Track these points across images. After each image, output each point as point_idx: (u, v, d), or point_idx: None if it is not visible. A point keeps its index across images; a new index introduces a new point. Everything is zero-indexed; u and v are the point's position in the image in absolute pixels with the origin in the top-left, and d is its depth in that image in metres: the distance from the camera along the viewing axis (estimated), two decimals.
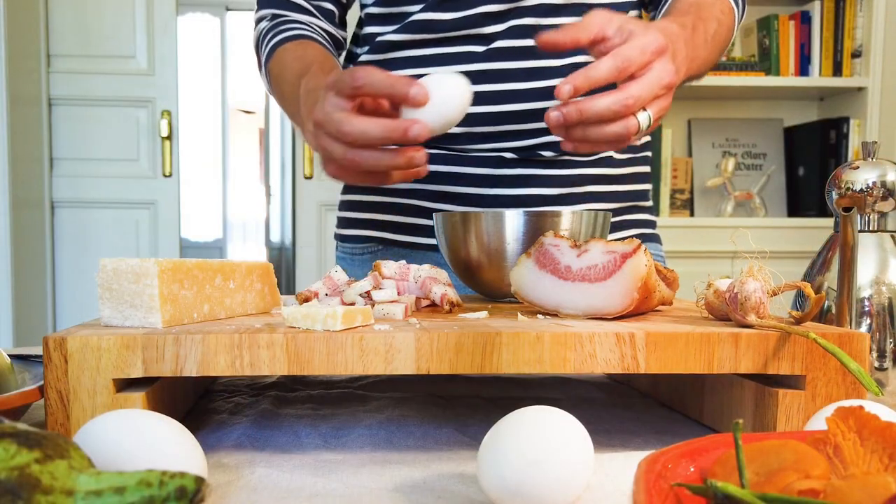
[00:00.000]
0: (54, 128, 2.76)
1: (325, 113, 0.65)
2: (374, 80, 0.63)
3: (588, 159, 0.91)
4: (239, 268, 0.58)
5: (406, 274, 0.64)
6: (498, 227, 0.66)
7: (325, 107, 0.65)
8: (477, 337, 0.47)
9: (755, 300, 0.50)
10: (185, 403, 0.59)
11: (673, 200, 2.68)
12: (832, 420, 0.34)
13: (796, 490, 0.30)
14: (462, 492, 0.43)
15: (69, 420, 0.45)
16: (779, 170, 2.75)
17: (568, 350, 0.47)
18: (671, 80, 0.66)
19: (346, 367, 0.46)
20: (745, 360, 0.49)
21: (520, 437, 0.37)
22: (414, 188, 0.93)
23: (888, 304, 0.61)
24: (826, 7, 2.58)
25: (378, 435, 0.54)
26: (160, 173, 2.82)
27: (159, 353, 0.46)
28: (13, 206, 2.53)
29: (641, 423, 0.59)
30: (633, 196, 0.96)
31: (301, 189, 2.90)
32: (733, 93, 2.68)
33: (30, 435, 0.31)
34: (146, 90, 2.78)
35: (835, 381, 0.49)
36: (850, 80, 2.57)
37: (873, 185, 0.61)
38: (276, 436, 0.54)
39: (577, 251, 0.56)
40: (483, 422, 0.58)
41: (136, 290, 0.49)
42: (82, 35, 2.75)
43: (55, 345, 0.45)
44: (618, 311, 0.54)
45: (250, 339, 0.46)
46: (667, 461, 0.34)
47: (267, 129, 5.47)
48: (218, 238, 5.45)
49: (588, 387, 0.71)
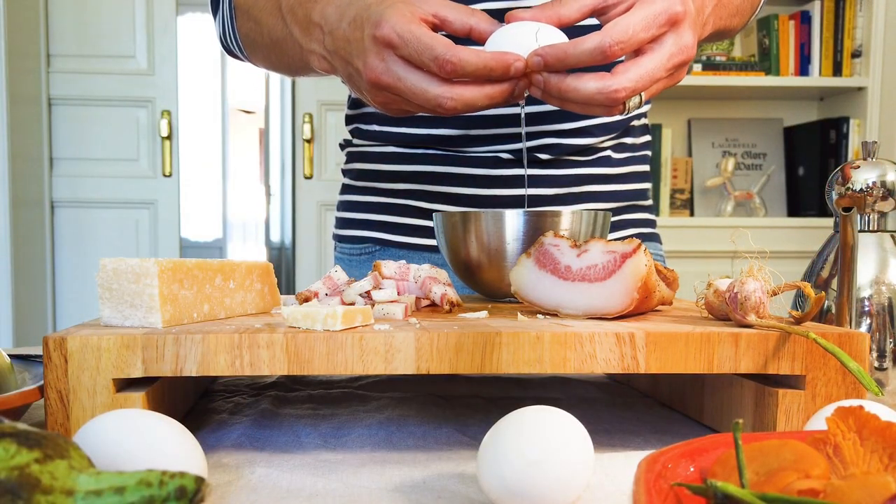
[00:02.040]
0: (54, 127, 2.76)
1: (408, 32, 0.59)
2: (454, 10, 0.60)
3: (586, 159, 0.91)
4: (239, 268, 0.58)
5: (406, 274, 0.64)
6: (498, 227, 0.66)
7: (401, 25, 0.59)
8: (477, 337, 0.47)
9: (755, 300, 0.50)
10: (185, 403, 0.59)
11: (673, 200, 2.69)
12: (832, 420, 0.34)
13: (796, 490, 0.30)
14: (462, 492, 0.43)
15: (69, 420, 0.45)
16: (779, 170, 2.75)
17: (568, 350, 0.47)
18: (685, 56, 0.60)
19: (346, 366, 0.46)
20: (745, 360, 0.49)
21: (520, 437, 0.37)
22: (411, 189, 0.93)
23: (888, 304, 0.61)
24: (826, 7, 2.58)
25: (378, 435, 0.54)
26: (160, 173, 2.82)
27: (159, 352, 0.46)
28: (13, 205, 2.53)
29: (641, 423, 0.59)
30: (632, 195, 0.96)
31: (301, 189, 2.90)
32: (733, 93, 2.68)
33: (30, 435, 0.31)
34: (146, 90, 2.78)
35: (835, 381, 0.49)
36: (850, 80, 2.57)
37: (873, 185, 0.61)
38: (275, 436, 0.54)
39: (577, 251, 0.56)
40: (483, 422, 0.58)
41: (136, 289, 0.49)
42: (82, 35, 2.75)
43: (55, 345, 0.45)
44: (618, 311, 0.54)
45: (250, 339, 0.46)
46: (667, 461, 0.34)
47: (267, 129, 5.46)
48: (218, 238, 5.45)
49: (588, 387, 0.71)
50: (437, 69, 0.58)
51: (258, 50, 0.86)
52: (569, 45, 0.59)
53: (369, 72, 0.62)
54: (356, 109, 0.98)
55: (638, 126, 0.98)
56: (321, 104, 2.85)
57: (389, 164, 0.94)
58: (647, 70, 0.59)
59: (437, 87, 0.60)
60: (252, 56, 0.90)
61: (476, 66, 0.58)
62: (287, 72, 0.87)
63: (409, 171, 0.92)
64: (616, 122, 0.92)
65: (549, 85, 0.60)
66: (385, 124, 0.93)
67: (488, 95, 0.61)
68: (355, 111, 0.98)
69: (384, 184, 0.95)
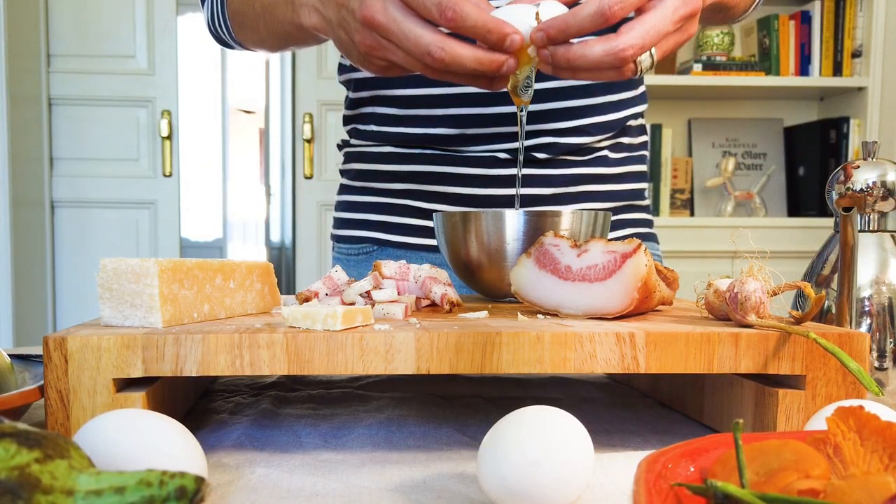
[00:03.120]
0: (54, 127, 2.76)
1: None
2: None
3: (583, 159, 0.91)
4: (239, 268, 0.58)
5: (406, 274, 0.64)
6: (498, 227, 0.66)
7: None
8: (477, 337, 0.47)
9: (755, 300, 0.50)
10: (185, 403, 0.59)
11: (673, 200, 2.69)
12: (832, 420, 0.34)
13: (796, 490, 0.30)
14: (462, 492, 0.43)
15: (69, 420, 0.45)
16: (779, 170, 2.75)
17: (568, 350, 0.47)
18: (691, 8, 0.59)
19: (346, 366, 0.46)
20: (745, 360, 0.49)
21: (520, 437, 0.37)
22: (409, 189, 0.93)
23: (888, 304, 0.61)
24: (826, 7, 2.58)
25: (378, 435, 0.54)
26: (160, 173, 2.82)
27: (159, 352, 0.46)
28: (13, 205, 2.53)
29: (641, 423, 0.59)
30: (629, 195, 0.96)
31: (301, 189, 2.90)
32: (733, 93, 2.68)
33: (30, 435, 0.31)
34: (146, 90, 2.78)
35: (835, 381, 0.49)
36: (850, 79, 2.57)
37: (873, 185, 0.61)
38: (276, 436, 0.54)
39: (577, 251, 0.56)
40: (483, 422, 0.58)
41: (136, 289, 0.49)
42: (82, 35, 2.75)
43: (55, 345, 0.45)
44: (618, 310, 0.54)
45: (250, 339, 0.46)
46: (667, 461, 0.34)
47: (267, 129, 5.46)
48: (218, 238, 5.45)
49: (588, 387, 0.71)
50: (437, 14, 0.58)
51: (247, 22, 0.86)
52: (569, 14, 0.59)
53: (365, 10, 0.62)
54: (354, 110, 0.98)
55: (635, 126, 0.98)
56: (321, 104, 2.85)
57: (387, 164, 0.94)
58: (652, 25, 0.59)
59: (431, 35, 0.60)
60: (240, 33, 0.89)
61: (475, 22, 0.58)
62: (275, 41, 0.86)
63: (406, 171, 0.92)
64: (613, 122, 0.92)
65: (556, 57, 0.60)
66: (383, 124, 0.93)
67: (478, 59, 0.60)
68: (353, 111, 0.98)
69: (382, 184, 0.95)
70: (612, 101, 0.91)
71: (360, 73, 0.94)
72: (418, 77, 0.88)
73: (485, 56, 0.60)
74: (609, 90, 0.91)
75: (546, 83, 0.88)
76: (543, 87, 0.87)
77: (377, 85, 0.92)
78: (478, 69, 0.61)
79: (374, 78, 0.92)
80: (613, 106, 0.92)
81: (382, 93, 0.92)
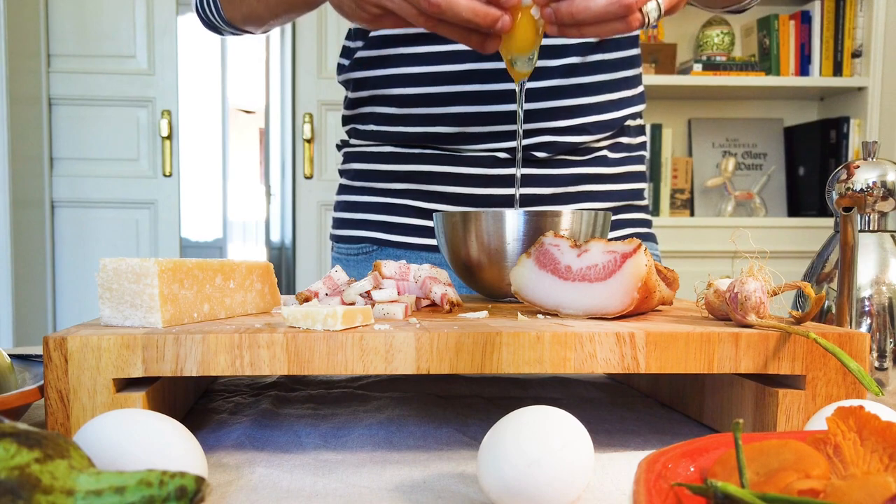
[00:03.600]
0: (54, 127, 2.76)
1: None
2: None
3: (582, 158, 0.91)
4: (239, 268, 0.58)
5: (406, 274, 0.64)
6: (498, 227, 0.66)
7: None
8: (477, 337, 0.47)
9: (755, 300, 0.50)
10: (185, 403, 0.59)
11: (673, 200, 2.68)
12: (832, 420, 0.34)
13: (796, 490, 0.30)
14: (462, 492, 0.43)
15: (69, 420, 0.45)
16: (779, 170, 2.75)
17: (568, 350, 0.47)
18: None
19: (346, 366, 0.46)
20: (745, 360, 0.49)
21: (520, 437, 0.37)
22: (408, 188, 0.93)
23: (888, 304, 0.61)
24: (826, 7, 2.58)
25: (378, 435, 0.54)
26: (160, 173, 2.82)
27: (159, 352, 0.46)
28: (13, 205, 2.53)
29: (641, 423, 0.59)
30: (628, 195, 0.96)
31: (301, 189, 2.90)
32: (733, 93, 2.68)
33: (30, 435, 0.31)
34: (146, 90, 2.78)
35: (835, 381, 0.49)
36: (850, 79, 2.57)
37: (873, 185, 0.61)
38: (276, 436, 0.54)
39: (577, 251, 0.56)
40: (483, 422, 0.58)
41: (136, 289, 0.49)
42: (82, 35, 2.75)
43: (55, 345, 0.45)
44: (618, 310, 0.54)
45: (250, 339, 0.46)
46: (667, 461, 0.34)
47: (267, 129, 5.46)
48: (218, 238, 5.45)
49: (588, 387, 0.71)
50: None
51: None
52: None
53: None
54: (353, 110, 0.98)
55: (634, 126, 0.98)
56: (321, 104, 2.85)
57: (386, 163, 0.94)
58: None
59: None
60: (229, 10, 0.89)
61: None
62: (266, 9, 0.85)
63: (405, 171, 0.92)
64: (612, 120, 0.92)
65: (559, 14, 0.59)
66: (382, 124, 0.93)
67: (473, 9, 0.59)
68: (352, 111, 0.98)
69: (381, 184, 0.95)
70: (611, 99, 0.91)
71: (359, 72, 0.94)
72: (417, 76, 0.88)
73: (481, 8, 0.59)
74: (608, 89, 0.91)
75: (546, 82, 0.88)
76: (543, 86, 0.88)
77: (376, 84, 0.92)
78: (472, 20, 0.60)
79: (373, 77, 0.92)
80: (612, 105, 0.92)
81: (381, 92, 0.92)
